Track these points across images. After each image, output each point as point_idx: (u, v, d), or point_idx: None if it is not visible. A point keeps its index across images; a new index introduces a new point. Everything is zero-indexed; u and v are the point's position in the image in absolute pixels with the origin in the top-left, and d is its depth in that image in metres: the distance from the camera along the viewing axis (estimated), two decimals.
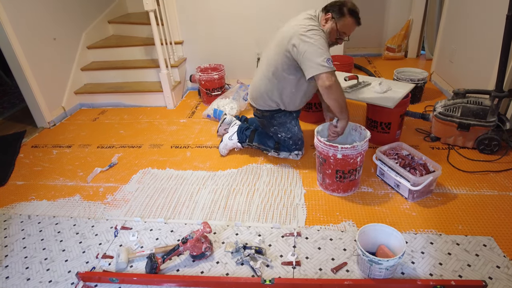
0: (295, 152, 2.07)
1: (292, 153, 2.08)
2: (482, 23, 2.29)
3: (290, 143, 2.02)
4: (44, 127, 2.83)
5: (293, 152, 2.08)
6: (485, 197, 1.68)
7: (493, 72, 2.08)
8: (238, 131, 2.15)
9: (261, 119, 2.02)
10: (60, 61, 2.96)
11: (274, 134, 2.04)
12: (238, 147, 2.19)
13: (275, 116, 1.95)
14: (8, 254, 1.57)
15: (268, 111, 1.96)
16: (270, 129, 2.03)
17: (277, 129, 1.99)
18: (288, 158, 2.11)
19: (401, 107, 2.04)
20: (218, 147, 2.25)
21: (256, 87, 1.92)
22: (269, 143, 2.09)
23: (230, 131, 2.18)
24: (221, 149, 2.18)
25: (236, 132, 2.15)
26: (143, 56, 3.29)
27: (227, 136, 2.16)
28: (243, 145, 2.17)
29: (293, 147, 2.04)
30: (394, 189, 1.78)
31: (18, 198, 1.96)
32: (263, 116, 1.99)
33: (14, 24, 2.47)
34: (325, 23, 1.71)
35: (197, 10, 3.02)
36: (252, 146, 2.17)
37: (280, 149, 2.08)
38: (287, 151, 2.08)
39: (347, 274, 1.34)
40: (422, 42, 3.79)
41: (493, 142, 1.95)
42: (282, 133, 2.00)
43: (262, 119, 2.02)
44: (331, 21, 1.70)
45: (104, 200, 1.88)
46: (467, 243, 1.43)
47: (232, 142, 2.15)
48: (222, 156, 2.19)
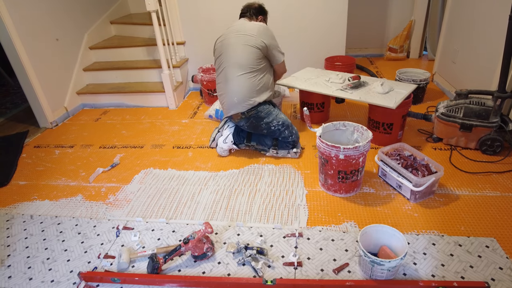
0: (294, 150, 2.10)
1: (291, 151, 2.11)
2: (484, 24, 2.29)
3: (286, 133, 2.06)
4: (47, 127, 2.84)
5: (291, 150, 2.10)
6: (487, 198, 1.68)
7: (496, 73, 2.07)
8: (234, 133, 2.15)
9: (249, 120, 2.04)
10: (63, 61, 2.97)
11: (267, 129, 2.07)
12: (234, 148, 2.19)
13: (259, 110, 2.02)
14: (11, 254, 1.57)
15: (252, 109, 2.01)
16: (261, 126, 2.06)
17: (268, 121, 2.04)
18: (286, 156, 2.13)
19: (403, 108, 2.03)
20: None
21: (236, 92, 1.98)
22: (266, 141, 2.13)
23: (224, 133, 2.17)
24: (220, 153, 2.19)
25: (232, 134, 2.15)
26: (145, 56, 3.30)
27: (221, 139, 2.16)
28: (240, 146, 2.18)
29: (289, 138, 2.07)
30: (396, 190, 1.77)
31: (21, 198, 1.96)
32: (249, 116, 2.02)
33: (17, 25, 2.48)
34: None
35: (199, 10, 3.03)
36: (250, 146, 2.18)
37: (279, 147, 2.11)
38: (285, 148, 2.11)
39: (349, 275, 1.34)
40: (424, 43, 3.78)
41: (495, 143, 1.95)
42: (273, 123, 2.04)
43: (250, 120, 2.04)
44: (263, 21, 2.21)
45: (106, 200, 1.89)
46: (469, 244, 1.42)
47: (227, 145, 2.15)
48: (223, 157, 2.19)
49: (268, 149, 2.14)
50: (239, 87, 1.97)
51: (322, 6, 2.96)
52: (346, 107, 2.77)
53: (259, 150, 2.19)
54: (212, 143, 2.24)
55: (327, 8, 2.96)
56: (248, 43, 1.96)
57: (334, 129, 1.83)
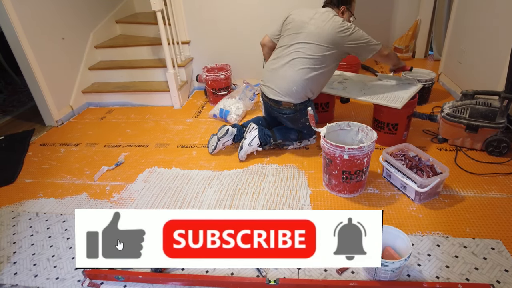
0: (313, 136, 2.21)
1: (311, 138, 2.22)
2: (491, 24, 2.27)
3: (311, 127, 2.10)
4: (52, 126, 2.86)
5: (311, 137, 2.21)
6: (493, 200, 1.66)
7: (503, 73, 2.05)
8: (260, 134, 2.09)
9: (294, 114, 2.03)
10: (68, 60, 2.99)
11: (303, 124, 2.10)
12: (258, 150, 2.16)
13: (307, 105, 2.02)
14: (17, 251, 1.59)
15: (302, 103, 2.01)
16: (300, 121, 2.09)
17: (306, 118, 2.06)
18: (307, 144, 2.25)
19: (409, 108, 2.02)
20: None
21: (296, 81, 1.93)
22: (291, 136, 2.15)
23: (249, 136, 2.09)
24: (241, 156, 2.11)
25: (258, 136, 2.09)
26: (150, 55, 3.31)
27: (247, 142, 2.08)
28: (265, 147, 2.14)
29: (312, 130, 2.14)
30: (401, 190, 1.76)
31: (27, 195, 1.98)
32: (296, 110, 2.01)
33: (24, 24, 2.50)
34: (343, 15, 2.03)
35: (204, 10, 3.03)
36: (272, 145, 2.15)
37: (303, 138, 2.19)
38: (307, 138, 2.20)
39: (353, 275, 1.34)
40: (430, 43, 3.75)
41: (502, 144, 1.93)
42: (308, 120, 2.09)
43: (295, 114, 2.03)
44: (346, 12, 2.04)
45: (111, 198, 1.90)
46: (474, 246, 1.41)
47: (252, 148, 2.10)
48: (242, 161, 2.14)
49: (292, 143, 2.18)
50: (301, 79, 1.92)
51: None
52: (350, 107, 2.76)
53: (281, 146, 2.19)
54: (214, 151, 2.20)
55: None
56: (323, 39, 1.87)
57: (339, 129, 1.82)
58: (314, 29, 1.89)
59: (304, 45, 1.91)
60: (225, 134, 2.14)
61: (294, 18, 2.00)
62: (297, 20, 1.97)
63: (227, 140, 2.18)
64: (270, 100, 2.05)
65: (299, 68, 1.92)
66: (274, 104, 2.04)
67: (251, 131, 2.11)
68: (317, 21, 1.91)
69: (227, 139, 2.17)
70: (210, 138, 2.24)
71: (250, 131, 2.11)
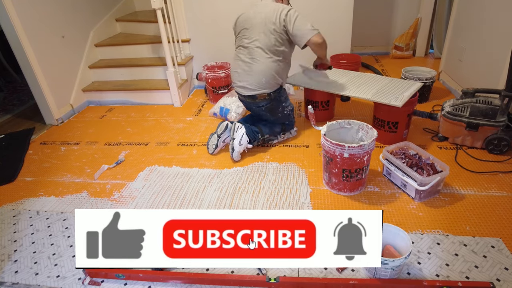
0: (294, 129, 2.34)
1: (292, 130, 2.33)
2: (492, 22, 2.26)
3: (291, 117, 2.27)
4: (53, 124, 2.86)
5: (292, 130, 2.33)
6: (493, 198, 1.66)
7: (503, 71, 2.05)
8: (247, 131, 2.11)
9: (270, 103, 2.12)
10: (69, 58, 2.99)
11: (281, 113, 2.20)
12: (249, 148, 2.17)
13: (281, 93, 2.14)
14: (17, 249, 1.59)
15: (275, 91, 2.10)
16: (278, 110, 2.17)
17: (285, 105, 2.19)
18: (288, 138, 2.33)
19: (409, 106, 2.02)
20: None
21: (263, 72, 2.02)
22: (276, 129, 2.24)
23: (236, 136, 2.09)
24: (235, 157, 2.10)
25: (246, 133, 2.10)
26: (150, 54, 3.31)
27: (236, 142, 2.08)
28: (254, 143, 2.16)
29: (292, 119, 2.29)
30: (401, 189, 1.77)
31: (27, 194, 1.99)
32: (271, 99, 2.10)
33: (24, 22, 2.50)
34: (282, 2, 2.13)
35: (204, 8, 3.03)
36: (260, 141, 2.18)
37: (286, 130, 2.29)
38: (289, 129, 2.31)
39: (353, 273, 1.34)
40: (431, 41, 3.74)
41: (502, 142, 1.93)
42: (287, 108, 2.21)
43: (271, 103, 2.12)
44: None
45: (111, 197, 1.90)
46: (474, 244, 1.41)
47: (243, 146, 2.11)
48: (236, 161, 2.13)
49: (277, 137, 2.25)
50: (266, 68, 2.01)
51: (327, 4, 2.94)
52: (351, 106, 2.75)
53: (267, 141, 2.24)
54: (215, 150, 2.20)
55: (332, 6, 2.94)
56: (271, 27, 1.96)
57: (339, 127, 1.82)
58: (261, 21, 1.99)
59: (258, 38, 2.00)
60: (225, 129, 2.16)
61: (240, 20, 2.11)
62: (244, 18, 2.07)
63: (227, 136, 2.18)
64: (246, 97, 2.12)
65: (261, 60, 2.01)
66: (251, 100, 2.12)
67: (237, 130, 2.11)
68: (261, 13, 2.00)
69: (227, 135, 2.18)
70: (209, 138, 2.23)
71: (236, 130, 2.11)
